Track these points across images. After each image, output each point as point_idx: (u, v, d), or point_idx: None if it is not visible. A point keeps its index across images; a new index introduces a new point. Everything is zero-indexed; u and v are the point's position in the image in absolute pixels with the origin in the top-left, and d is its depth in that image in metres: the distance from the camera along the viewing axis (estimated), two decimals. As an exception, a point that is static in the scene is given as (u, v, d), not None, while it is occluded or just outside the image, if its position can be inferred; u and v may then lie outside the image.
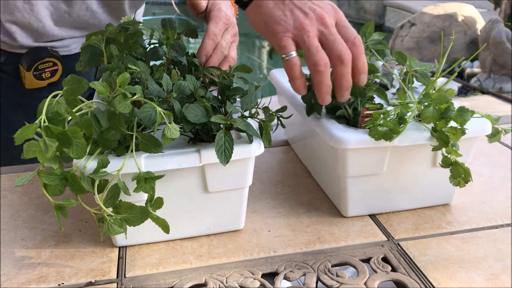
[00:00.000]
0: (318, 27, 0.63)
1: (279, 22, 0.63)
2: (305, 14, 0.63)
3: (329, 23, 0.63)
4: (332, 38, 0.62)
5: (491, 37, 4.18)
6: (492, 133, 0.70)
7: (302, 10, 0.63)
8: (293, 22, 0.63)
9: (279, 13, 0.63)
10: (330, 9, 0.64)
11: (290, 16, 0.63)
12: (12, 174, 0.87)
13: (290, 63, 0.64)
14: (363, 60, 0.65)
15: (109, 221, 0.56)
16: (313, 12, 0.63)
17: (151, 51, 0.72)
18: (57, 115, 0.55)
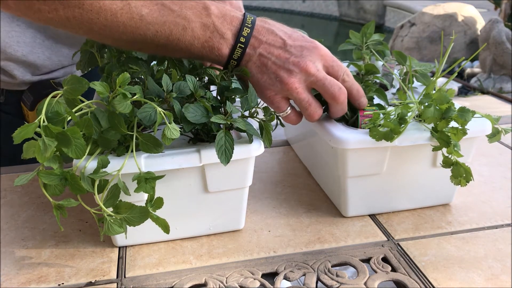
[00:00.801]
0: (305, 78, 0.63)
1: (267, 87, 0.64)
2: (289, 72, 0.62)
3: (315, 70, 0.63)
4: (322, 83, 0.63)
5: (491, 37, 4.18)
6: (492, 133, 0.70)
7: (285, 69, 0.62)
8: (280, 84, 0.63)
9: (264, 78, 0.63)
10: (314, 53, 0.64)
11: (275, 79, 0.63)
12: (12, 174, 0.87)
13: (288, 119, 0.67)
14: (357, 89, 0.67)
15: (109, 221, 0.56)
16: (297, 67, 0.62)
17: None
18: (56, 115, 0.55)
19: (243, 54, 0.63)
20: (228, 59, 0.63)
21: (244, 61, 0.63)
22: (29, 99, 0.90)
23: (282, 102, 0.65)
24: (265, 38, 0.63)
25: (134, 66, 0.66)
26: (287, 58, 0.63)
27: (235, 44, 0.62)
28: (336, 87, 0.64)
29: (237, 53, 0.62)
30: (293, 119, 0.68)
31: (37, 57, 0.88)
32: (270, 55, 0.63)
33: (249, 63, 0.63)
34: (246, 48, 0.62)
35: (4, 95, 0.91)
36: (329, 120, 0.71)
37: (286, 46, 0.63)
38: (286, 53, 0.63)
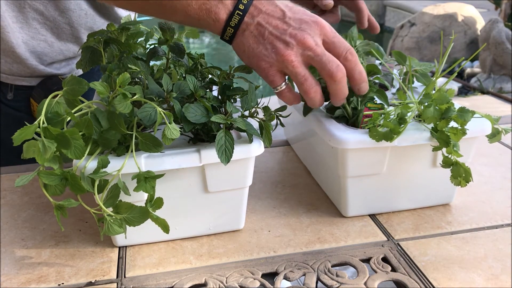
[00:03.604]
0: (302, 52, 0.61)
1: (262, 58, 0.62)
2: (286, 44, 0.60)
3: (313, 44, 0.60)
4: (319, 59, 0.61)
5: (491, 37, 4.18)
6: (492, 133, 0.70)
7: (282, 40, 0.60)
8: (275, 55, 0.61)
9: (260, 48, 0.61)
10: (314, 27, 0.61)
11: (271, 50, 0.61)
12: (12, 174, 0.87)
13: (280, 94, 0.65)
14: (360, 70, 0.63)
15: (109, 221, 0.56)
16: (294, 39, 0.60)
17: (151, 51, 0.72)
18: (56, 116, 0.55)
19: (240, 21, 0.61)
20: (225, 25, 0.61)
21: (241, 29, 0.61)
22: (40, 94, 0.92)
23: (277, 76, 0.63)
24: (265, 8, 0.61)
25: (134, 66, 0.66)
26: (285, 29, 0.61)
27: (233, 11, 0.60)
28: (333, 64, 0.61)
29: (235, 20, 0.61)
30: (288, 96, 0.65)
31: (36, 44, 0.90)
32: (268, 25, 0.61)
33: (246, 31, 0.61)
34: (244, 15, 0.61)
35: (13, 92, 0.92)
36: (329, 120, 0.71)
37: (285, 17, 0.61)
38: (285, 24, 0.61)
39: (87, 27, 0.93)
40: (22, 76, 0.91)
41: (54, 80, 0.93)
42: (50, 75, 0.93)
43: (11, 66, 0.89)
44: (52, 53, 0.92)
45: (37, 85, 0.92)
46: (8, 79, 0.91)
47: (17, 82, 0.91)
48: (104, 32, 0.72)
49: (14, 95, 0.92)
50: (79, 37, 0.93)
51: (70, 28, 0.91)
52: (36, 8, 0.87)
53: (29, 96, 0.93)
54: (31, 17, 0.87)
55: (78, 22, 0.91)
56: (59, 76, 0.94)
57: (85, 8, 0.91)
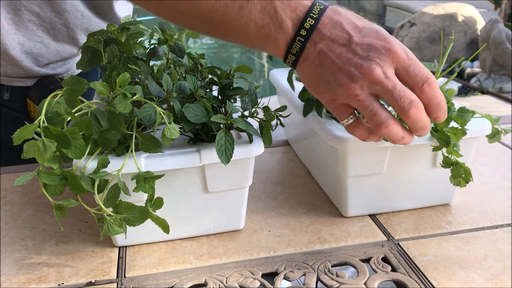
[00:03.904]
0: (369, 85, 0.53)
1: (325, 90, 0.55)
2: (350, 76, 0.52)
3: (381, 77, 0.52)
4: (389, 94, 0.53)
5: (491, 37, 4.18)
6: (492, 133, 0.70)
7: (345, 72, 0.53)
8: (338, 88, 0.53)
9: (322, 80, 0.54)
10: (384, 55, 0.52)
11: (334, 82, 0.53)
12: (12, 174, 0.87)
13: (349, 129, 0.58)
14: (437, 103, 0.55)
15: (109, 221, 0.56)
16: (359, 70, 0.52)
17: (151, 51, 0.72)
18: (56, 116, 0.55)
19: (302, 49, 0.54)
20: (286, 52, 0.55)
21: (303, 57, 0.55)
22: (36, 95, 0.91)
23: (342, 109, 0.56)
24: (329, 32, 0.53)
25: (134, 66, 0.66)
26: (350, 58, 0.53)
27: (294, 37, 0.54)
28: (406, 100, 0.52)
29: (296, 47, 0.54)
30: (358, 132, 0.57)
31: (33, 46, 0.90)
32: (331, 53, 0.53)
33: (307, 60, 0.55)
34: (306, 42, 0.54)
35: (9, 93, 0.92)
36: (329, 120, 0.71)
37: (351, 43, 0.53)
38: (350, 53, 0.53)
39: (83, 28, 0.93)
40: (17, 77, 0.91)
41: (50, 80, 0.93)
42: (46, 75, 0.93)
43: (6, 68, 0.89)
44: (49, 54, 0.92)
45: (33, 85, 0.92)
46: (4, 81, 0.91)
47: (13, 83, 0.91)
48: (104, 32, 0.72)
49: (11, 95, 0.92)
50: (75, 38, 0.93)
51: (67, 29, 0.91)
52: (32, 10, 0.87)
53: (25, 96, 0.93)
54: (27, 19, 0.87)
55: (74, 23, 0.91)
56: (55, 76, 0.94)
57: (82, 9, 0.91)
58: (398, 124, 0.55)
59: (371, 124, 0.55)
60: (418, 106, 0.53)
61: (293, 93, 0.81)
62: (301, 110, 0.74)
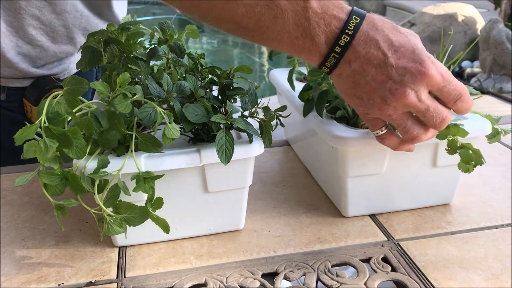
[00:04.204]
0: (402, 107, 0.54)
1: (359, 104, 0.56)
2: (384, 99, 0.53)
3: (415, 102, 0.53)
4: (422, 115, 0.55)
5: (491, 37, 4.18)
6: (492, 133, 0.70)
7: (379, 95, 0.54)
8: (372, 106, 0.55)
9: (356, 95, 0.55)
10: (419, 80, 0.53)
11: (368, 101, 0.55)
12: (12, 174, 0.87)
13: (380, 139, 0.60)
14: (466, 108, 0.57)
15: (109, 221, 0.56)
16: (394, 95, 0.53)
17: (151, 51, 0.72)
18: (57, 116, 0.55)
19: (336, 64, 0.54)
20: (321, 64, 0.55)
21: (337, 71, 0.55)
22: (33, 95, 0.91)
23: (375, 121, 0.57)
24: (364, 52, 0.53)
25: (134, 66, 0.66)
26: (384, 81, 0.53)
27: (328, 53, 0.53)
28: (438, 119, 0.55)
29: (330, 63, 0.54)
30: (390, 142, 0.59)
31: (32, 49, 0.90)
32: (365, 73, 0.53)
33: (342, 75, 0.55)
34: (340, 59, 0.54)
35: (5, 93, 0.92)
36: (329, 120, 0.71)
37: (386, 65, 0.53)
38: (384, 75, 0.53)
39: (82, 28, 0.93)
40: (14, 78, 0.91)
41: (46, 80, 0.93)
42: (42, 76, 0.93)
43: (2, 70, 0.89)
44: (46, 57, 0.92)
45: (30, 86, 0.92)
46: (0, 82, 0.91)
47: (10, 84, 0.91)
48: (104, 32, 0.72)
49: (7, 96, 0.92)
50: (73, 37, 0.93)
51: (66, 30, 0.91)
52: (32, 14, 0.86)
53: (22, 96, 0.93)
54: (26, 23, 0.87)
55: (73, 23, 0.91)
56: (51, 76, 0.94)
57: (81, 9, 0.91)
58: (429, 133, 0.58)
59: (405, 137, 0.58)
60: (449, 120, 0.56)
61: (293, 93, 0.81)
62: (301, 110, 0.74)
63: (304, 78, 0.90)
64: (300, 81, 0.88)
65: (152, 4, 8.47)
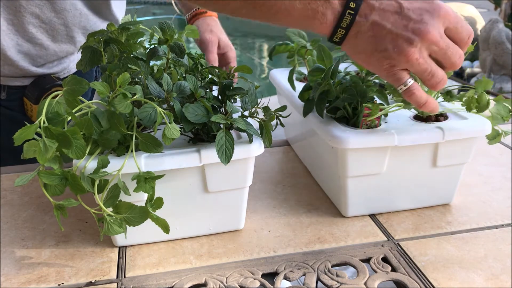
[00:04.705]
0: (426, 47, 0.56)
1: (383, 58, 0.57)
2: (409, 42, 0.55)
3: (438, 38, 0.55)
4: (443, 52, 0.57)
5: (491, 37, 4.18)
6: (492, 135, 0.70)
7: (404, 38, 0.55)
8: (398, 55, 0.56)
9: (379, 49, 0.56)
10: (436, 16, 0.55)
11: (392, 49, 0.55)
12: (12, 174, 0.87)
13: (408, 92, 0.59)
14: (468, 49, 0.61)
15: (109, 221, 0.56)
16: (418, 35, 0.55)
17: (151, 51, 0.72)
18: (57, 116, 0.55)
19: (352, 22, 0.55)
20: (335, 27, 0.56)
21: (353, 30, 0.56)
22: (33, 94, 0.92)
23: (401, 73, 0.58)
24: (379, 3, 0.55)
25: (134, 66, 0.66)
26: (406, 25, 0.55)
27: (343, 11, 0.55)
28: (457, 55, 0.57)
29: (346, 21, 0.55)
30: (418, 94, 0.59)
31: (32, 47, 0.90)
32: (385, 22, 0.55)
33: (359, 33, 0.56)
34: (356, 15, 0.55)
35: (6, 92, 0.92)
36: (329, 120, 0.71)
37: (402, 10, 0.55)
38: (404, 19, 0.55)
39: (81, 27, 0.94)
40: (14, 77, 0.91)
41: (46, 79, 0.93)
42: (42, 75, 0.94)
43: (3, 68, 0.89)
44: (47, 56, 0.93)
45: (30, 84, 0.93)
46: (1, 80, 0.91)
47: (10, 82, 0.92)
48: (104, 32, 0.72)
49: (7, 95, 0.93)
50: (73, 36, 0.94)
51: (65, 29, 0.92)
52: (32, 12, 0.87)
53: (22, 95, 0.93)
54: (26, 21, 0.87)
55: (72, 22, 0.92)
56: (51, 75, 0.94)
57: (80, 7, 0.92)
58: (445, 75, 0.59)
59: (430, 84, 0.58)
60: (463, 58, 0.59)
61: (293, 93, 0.81)
62: (301, 110, 0.74)
63: (304, 78, 0.90)
64: (300, 81, 0.88)
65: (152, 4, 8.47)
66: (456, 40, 0.58)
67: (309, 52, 0.84)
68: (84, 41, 0.96)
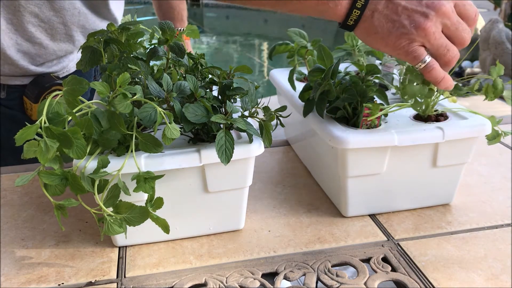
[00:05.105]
0: (441, 21, 0.58)
1: (401, 36, 0.58)
2: (425, 16, 0.57)
3: (450, 12, 0.58)
4: (454, 27, 0.59)
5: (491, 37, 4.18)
6: (492, 135, 0.70)
7: (420, 12, 0.57)
8: (415, 30, 0.57)
9: (396, 26, 0.58)
10: None
11: (410, 25, 0.57)
12: (12, 174, 0.87)
13: (427, 68, 0.60)
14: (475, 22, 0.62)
15: (109, 221, 0.56)
16: (432, 9, 0.57)
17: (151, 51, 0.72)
18: (57, 116, 0.55)
19: (367, 1, 0.57)
20: (350, 8, 0.57)
21: (368, 10, 0.57)
22: (33, 92, 0.92)
23: (420, 50, 0.59)
24: None
25: (134, 66, 0.66)
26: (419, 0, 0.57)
27: None
28: (466, 32, 0.59)
29: (361, 1, 0.57)
30: (436, 72, 0.60)
31: (31, 46, 0.90)
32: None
33: (375, 12, 0.58)
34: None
35: (6, 91, 0.92)
36: (329, 120, 0.71)
37: None
38: None
39: (80, 26, 0.94)
40: (14, 76, 0.92)
41: (46, 78, 0.93)
42: (42, 73, 0.94)
43: (2, 67, 0.90)
44: (46, 55, 0.93)
45: (30, 83, 0.93)
46: (1, 79, 0.92)
47: (10, 81, 0.92)
48: (104, 32, 0.72)
49: (7, 94, 0.93)
50: (72, 35, 0.94)
51: (64, 28, 0.92)
52: (31, 11, 0.87)
53: (22, 94, 0.93)
54: (26, 20, 0.87)
55: (71, 21, 0.92)
56: (51, 74, 0.94)
57: (78, 6, 0.92)
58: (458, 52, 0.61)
59: (445, 59, 0.60)
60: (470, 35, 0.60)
61: (293, 93, 0.81)
62: (301, 110, 0.74)
63: (304, 78, 0.90)
64: (300, 81, 0.88)
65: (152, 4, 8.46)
66: (464, 17, 0.59)
67: (309, 52, 0.84)
68: (83, 40, 0.96)
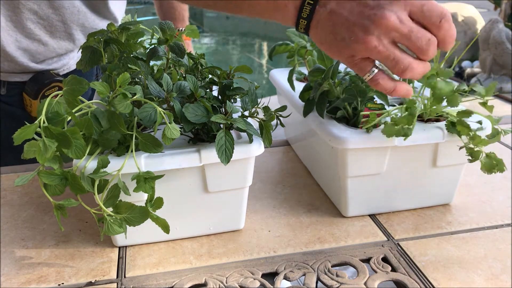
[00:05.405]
0: (385, 34, 0.53)
1: (342, 49, 0.55)
2: (365, 29, 0.53)
3: (396, 24, 0.52)
4: (406, 38, 0.53)
5: (491, 37, 4.18)
6: (492, 133, 0.70)
7: (359, 25, 0.53)
8: (355, 43, 0.54)
9: (338, 38, 0.55)
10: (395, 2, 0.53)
11: (349, 38, 0.54)
12: (12, 174, 0.87)
13: (373, 81, 0.57)
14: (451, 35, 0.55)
15: (109, 221, 0.56)
16: (373, 21, 0.52)
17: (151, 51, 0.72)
18: (56, 116, 0.55)
19: (312, 12, 0.55)
20: (297, 18, 0.56)
21: (314, 20, 0.56)
22: (32, 89, 0.92)
23: (364, 62, 0.56)
24: None
25: (134, 66, 0.66)
26: (362, 11, 0.53)
27: (303, 1, 0.55)
28: (423, 40, 0.53)
29: (306, 11, 0.55)
30: (383, 84, 0.57)
31: (30, 43, 0.91)
32: (342, 10, 0.54)
33: (320, 22, 0.56)
34: (316, 5, 0.55)
35: (6, 88, 0.92)
36: (329, 120, 0.71)
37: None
38: (360, 5, 0.53)
39: (79, 24, 0.94)
40: (14, 73, 0.92)
41: (46, 74, 0.94)
42: (41, 70, 0.94)
43: (2, 64, 0.90)
44: (46, 52, 0.93)
45: (29, 80, 0.93)
46: (0, 76, 0.92)
47: (10, 78, 0.93)
48: (104, 32, 0.72)
49: (7, 90, 0.93)
50: (71, 33, 0.94)
51: (63, 26, 0.92)
52: (30, 8, 0.87)
53: (21, 90, 0.94)
54: (25, 17, 0.88)
55: (70, 19, 0.92)
56: (50, 71, 0.95)
57: (78, 5, 0.93)
58: (420, 62, 0.55)
59: (396, 72, 0.55)
60: (434, 43, 0.54)
61: (293, 93, 0.81)
62: (301, 110, 0.74)
63: (304, 78, 0.90)
64: (300, 81, 0.88)
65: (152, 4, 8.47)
66: (424, 24, 0.54)
67: (309, 52, 0.84)
68: (82, 38, 0.96)
